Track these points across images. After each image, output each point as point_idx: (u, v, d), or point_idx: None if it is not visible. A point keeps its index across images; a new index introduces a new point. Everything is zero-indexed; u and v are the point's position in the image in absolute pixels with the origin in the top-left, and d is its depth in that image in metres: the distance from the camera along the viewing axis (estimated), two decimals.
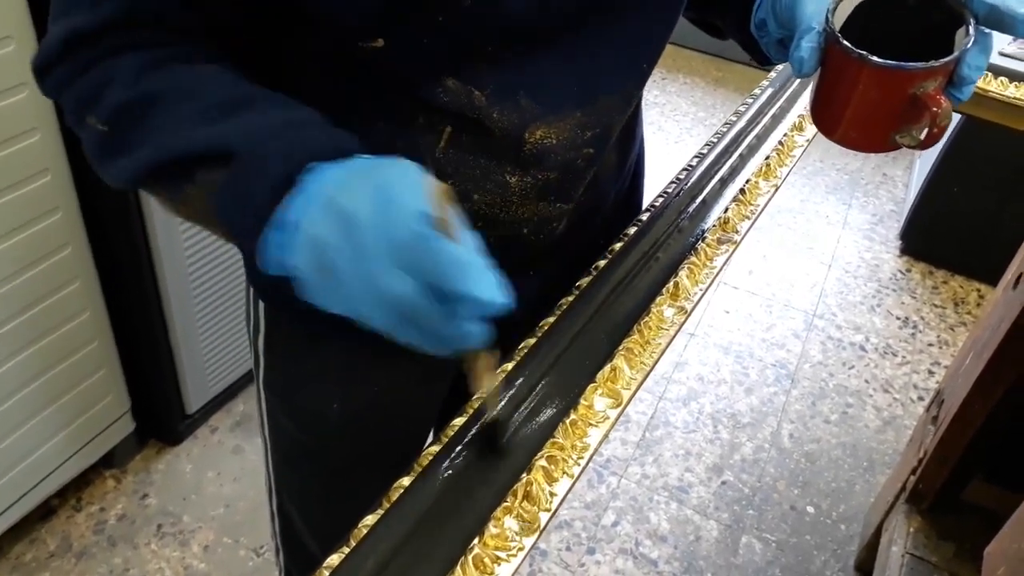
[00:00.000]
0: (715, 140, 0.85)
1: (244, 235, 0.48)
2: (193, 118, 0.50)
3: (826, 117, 0.60)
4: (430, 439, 0.91)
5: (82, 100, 0.52)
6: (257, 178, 0.47)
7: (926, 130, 0.55)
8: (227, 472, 1.68)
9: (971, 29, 0.53)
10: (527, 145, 0.61)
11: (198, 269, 1.48)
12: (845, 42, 0.54)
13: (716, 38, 0.78)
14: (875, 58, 0.53)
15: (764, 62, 0.70)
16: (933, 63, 0.53)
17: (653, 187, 0.81)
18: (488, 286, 0.42)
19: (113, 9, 0.51)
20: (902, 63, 0.53)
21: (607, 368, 0.60)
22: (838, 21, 0.57)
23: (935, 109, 0.53)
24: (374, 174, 0.45)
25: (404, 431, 0.87)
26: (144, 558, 1.52)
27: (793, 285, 2.37)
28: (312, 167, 0.46)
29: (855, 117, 0.57)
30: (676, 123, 3.03)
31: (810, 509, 1.77)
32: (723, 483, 1.80)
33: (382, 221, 0.42)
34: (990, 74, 1.02)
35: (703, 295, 0.68)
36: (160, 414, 1.65)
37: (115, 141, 0.51)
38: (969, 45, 0.53)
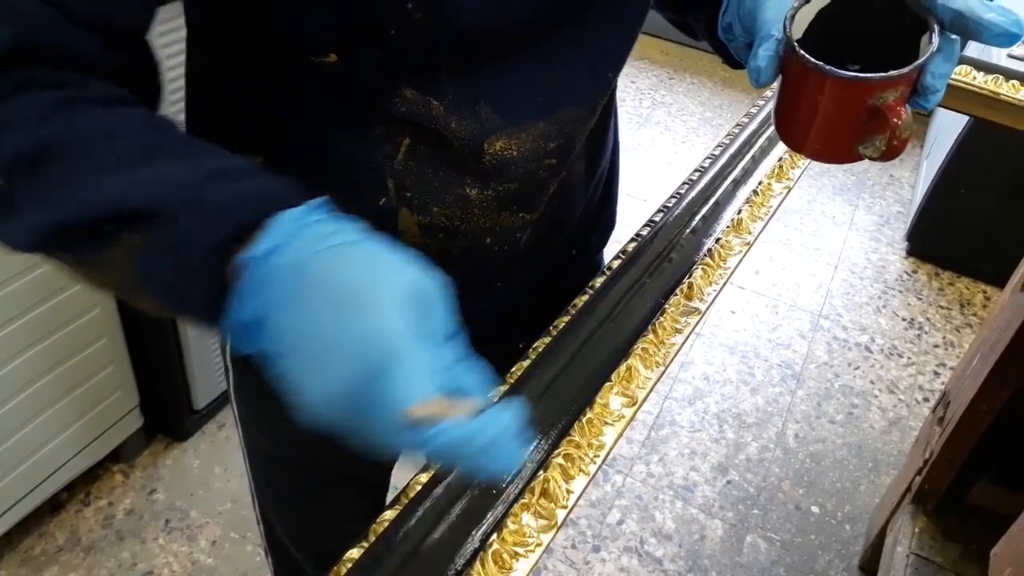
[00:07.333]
0: (727, 142, 0.86)
1: (195, 309, 0.42)
2: (110, 169, 0.41)
3: (790, 130, 0.57)
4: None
5: None
6: (200, 235, 0.40)
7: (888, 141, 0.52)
8: (234, 468, 1.69)
9: (935, 36, 0.50)
10: (487, 156, 0.59)
11: None
12: (801, 51, 0.51)
13: (692, 39, 0.76)
14: (831, 68, 0.50)
15: (736, 66, 0.67)
16: (891, 73, 0.50)
17: (661, 186, 0.81)
18: (501, 460, 0.37)
19: (9, 39, 0.42)
20: (858, 74, 0.50)
21: (622, 367, 0.60)
22: (800, 26, 0.54)
23: (895, 120, 0.50)
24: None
25: None
26: (152, 553, 1.53)
27: (799, 286, 2.38)
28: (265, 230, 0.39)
29: (818, 129, 0.55)
30: (683, 123, 3.03)
31: (815, 509, 1.78)
32: (728, 482, 1.81)
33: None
34: (1001, 77, 1.02)
35: (717, 296, 0.68)
36: (168, 410, 1.66)
37: (12, 198, 0.42)
38: (931, 53, 0.50)
